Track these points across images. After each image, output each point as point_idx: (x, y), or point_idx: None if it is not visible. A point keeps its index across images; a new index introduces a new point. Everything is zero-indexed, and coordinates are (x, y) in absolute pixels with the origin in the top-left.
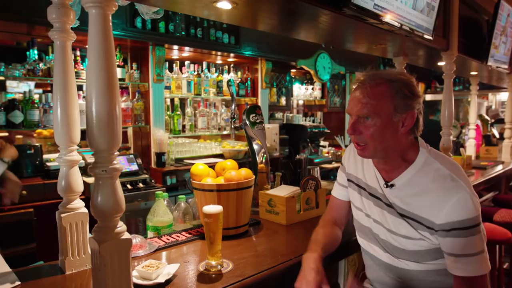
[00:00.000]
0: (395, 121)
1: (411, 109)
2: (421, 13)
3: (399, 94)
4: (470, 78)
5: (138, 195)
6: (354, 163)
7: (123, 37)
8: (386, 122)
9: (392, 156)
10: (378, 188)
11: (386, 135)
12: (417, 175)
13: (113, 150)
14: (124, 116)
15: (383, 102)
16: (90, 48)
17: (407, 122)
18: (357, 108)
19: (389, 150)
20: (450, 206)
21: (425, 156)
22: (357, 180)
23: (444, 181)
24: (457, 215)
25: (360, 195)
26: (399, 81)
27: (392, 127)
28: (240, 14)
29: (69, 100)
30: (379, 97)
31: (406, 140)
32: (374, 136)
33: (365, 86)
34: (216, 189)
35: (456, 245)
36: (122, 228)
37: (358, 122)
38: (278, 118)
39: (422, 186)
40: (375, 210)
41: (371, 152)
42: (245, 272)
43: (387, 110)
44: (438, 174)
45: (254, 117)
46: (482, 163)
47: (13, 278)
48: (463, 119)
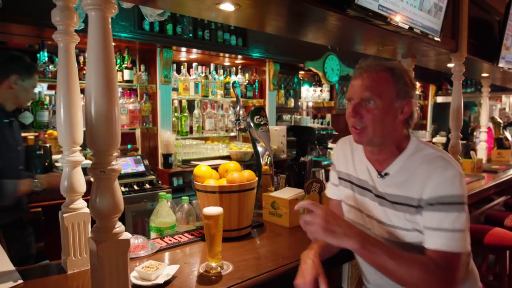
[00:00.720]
0: (396, 107)
1: (410, 98)
2: (428, 14)
3: (401, 81)
4: (481, 80)
5: (145, 196)
6: (344, 159)
7: (131, 39)
8: (387, 106)
9: (387, 144)
10: (370, 181)
11: (386, 120)
12: (409, 161)
13: (112, 151)
14: (132, 117)
15: (386, 86)
16: (90, 50)
17: (406, 109)
18: (360, 91)
19: (385, 136)
20: (439, 181)
21: (416, 144)
22: (348, 176)
23: (435, 161)
24: (444, 189)
25: (353, 191)
26: (400, 69)
27: (392, 112)
28: (245, 16)
29: (72, 101)
30: (382, 81)
31: (402, 131)
32: (375, 120)
33: (369, 71)
34: (218, 190)
35: (436, 219)
36: (121, 229)
37: (359, 105)
38: (286, 120)
39: (413, 169)
40: (368, 204)
41: (369, 136)
42: (245, 275)
43: (389, 94)
44: (428, 157)
45: (258, 119)
46: (493, 167)
47: (16, 276)
48: (475, 121)
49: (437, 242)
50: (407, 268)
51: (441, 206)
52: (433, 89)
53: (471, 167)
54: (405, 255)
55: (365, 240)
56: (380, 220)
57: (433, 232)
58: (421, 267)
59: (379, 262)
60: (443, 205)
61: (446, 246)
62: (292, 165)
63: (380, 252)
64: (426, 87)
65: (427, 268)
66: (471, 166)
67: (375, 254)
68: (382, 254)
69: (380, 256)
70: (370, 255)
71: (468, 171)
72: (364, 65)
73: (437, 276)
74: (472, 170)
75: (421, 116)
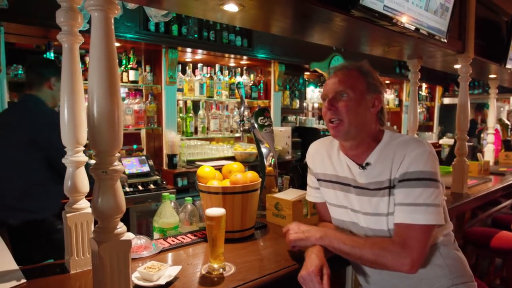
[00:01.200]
0: (367, 99)
1: (379, 93)
2: (434, 15)
3: (369, 76)
4: (489, 81)
5: (149, 196)
6: (320, 161)
7: (136, 40)
8: (359, 98)
9: (363, 137)
10: (351, 176)
11: (359, 111)
12: (386, 148)
13: (114, 151)
14: (137, 118)
15: (357, 80)
16: (93, 50)
17: (376, 103)
18: (334, 87)
19: (360, 128)
20: (408, 159)
21: (390, 134)
22: (328, 176)
23: (408, 143)
24: (412, 166)
25: (334, 190)
26: (367, 67)
27: (364, 104)
28: (250, 17)
29: (76, 102)
30: (353, 77)
31: (376, 125)
32: (349, 111)
33: (341, 71)
34: (222, 191)
35: (403, 195)
36: (122, 229)
37: (334, 99)
38: (291, 121)
39: (391, 154)
40: (352, 199)
41: (345, 128)
42: (247, 276)
43: (360, 87)
44: (403, 141)
45: (262, 120)
46: (500, 169)
47: (19, 276)
48: (482, 123)
49: (400, 216)
50: (359, 249)
51: (407, 182)
52: (440, 90)
53: (478, 169)
54: (359, 239)
55: (325, 233)
56: (367, 212)
57: (398, 207)
58: (371, 246)
59: (337, 248)
60: (410, 181)
61: (407, 219)
62: (296, 167)
63: (336, 240)
64: (432, 89)
65: (379, 245)
66: (478, 169)
67: (332, 242)
68: (338, 241)
69: (337, 243)
70: (328, 243)
71: (475, 173)
72: (336, 66)
73: (391, 250)
74: (479, 173)
75: (428, 118)
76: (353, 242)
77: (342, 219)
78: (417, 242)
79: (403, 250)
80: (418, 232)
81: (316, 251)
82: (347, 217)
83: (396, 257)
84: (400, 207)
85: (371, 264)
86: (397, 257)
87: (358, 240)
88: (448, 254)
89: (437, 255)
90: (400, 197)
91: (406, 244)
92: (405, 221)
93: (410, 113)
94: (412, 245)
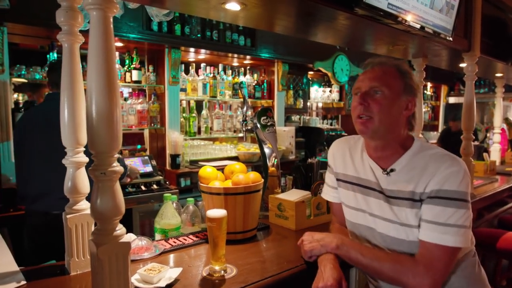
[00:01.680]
0: (402, 101)
1: (415, 96)
2: (440, 13)
3: (407, 77)
4: (495, 80)
5: (152, 197)
6: (341, 160)
7: (139, 40)
8: (395, 98)
9: (390, 140)
10: (373, 179)
11: (392, 111)
12: (415, 159)
13: (113, 152)
14: (140, 118)
15: (394, 79)
16: (91, 49)
17: (410, 106)
18: (369, 82)
19: (390, 129)
20: (442, 176)
21: (420, 143)
22: (347, 177)
23: (441, 158)
24: (445, 184)
25: (354, 192)
26: (406, 67)
27: (399, 105)
28: (253, 16)
29: (76, 102)
30: (390, 74)
31: (405, 128)
32: (382, 109)
33: (378, 65)
34: (223, 192)
35: (433, 212)
36: (121, 231)
37: (367, 94)
38: (295, 121)
39: (420, 166)
40: (372, 203)
41: (374, 126)
42: (248, 279)
43: (397, 86)
44: (436, 155)
45: (265, 120)
46: (507, 169)
47: (20, 277)
48: (488, 122)
49: (428, 234)
50: (378, 263)
51: (439, 200)
52: (445, 89)
53: (484, 169)
54: (379, 252)
55: (341, 242)
56: (386, 218)
57: (427, 225)
58: (392, 261)
59: (354, 259)
60: (443, 199)
61: (436, 238)
62: (299, 167)
63: (354, 251)
64: (438, 88)
65: (402, 262)
66: (484, 169)
67: (350, 253)
68: (356, 252)
69: (354, 254)
70: (345, 254)
71: (481, 173)
72: (372, 60)
73: (413, 269)
74: (485, 173)
75: (433, 117)
76: (373, 255)
77: (358, 222)
78: (442, 264)
79: (427, 271)
80: (445, 254)
81: (332, 260)
82: (364, 221)
83: (419, 278)
84: (430, 225)
85: (389, 279)
86: (419, 278)
87: (378, 253)
88: (465, 268)
89: (456, 268)
90: (430, 214)
91: (431, 265)
92: (433, 241)
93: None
94: (436, 267)
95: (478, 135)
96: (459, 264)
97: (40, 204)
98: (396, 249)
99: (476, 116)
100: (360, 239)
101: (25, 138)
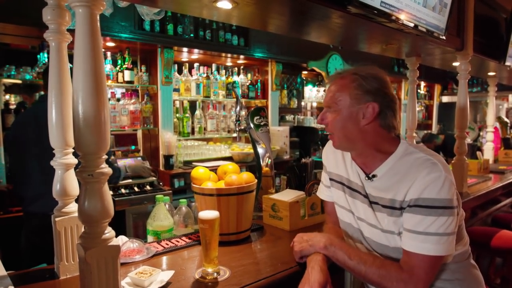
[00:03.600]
0: (354, 111)
1: (372, 101)
2: (433, 11)
3: (359, 85)
4: (488, 79)
5: (145, 198)
6: (334, 160)
7: (131, 40)
8: (343, 111)
9: (363, 148)
10: (359, 183)
11: (347, 125)
12: (397, 164)
13: (101, 153)
14: (133, 118)
15: (341, 92)
16: (77, 48)
17: (368, 114)
18: (325, 100)
19: (355, 141)
20: (421, 183)
21: (405, 147)
22: (339, 177)
23: (423, 164)
24: (426, 192)
25: (344, 193)
26: (361, 74)
27: (351, 117)
28: (245, 15)
29: (64, 102)
30: (339, 88)
31: (376, 133)
32: (334, 125)
33: (335, 79)
34: (216, 193)
35: (413, 221)
36: (110, 234)
37: (324, 112)
38: (289, 120)
39: (402, 172)
40: (358, 206)
41: (337, 142)
42: (242, 281)
43: (343, 100)
44: (418, 161)
45: (258, 120)
46: (500, 167)
47: (7, 282)
48: (481, 121)
49: (409, 243)
50: (364, 266)
51: (419, 208)
52: (439, 88)
53: (477, 168)
54: (366, 256)
55: (330, 242)
56: (370, 223)
57: (407, 233)
58: (378, 266)
59: (341, 261)
60: (422, 208)
61: (417, 248)
62: (293, 167)
63: (341, 253)
64: (431, 87)
65: (387, 268)
66: (477, 167)
67: (337, 254)
68: (343, 254)
69: (341, 256)
70: (332, 255)
71: (475, 172)
72: (334, 73)
73: (397, 276)
74: (478, 171)
75: (427, 116)
76: (359, 259)
77: (349, 222)
78: (425, 272)
79: (410, 279)
80: (427, 262)
81: (320, 262)
82: (354, 223)
83: (401, 285)
84: (410, 234)
85: (374, 283)
86: (402, 285)
87: (365, 257)
88: (458, 270)
89: (446, 271)
90: (410, 223)
91: (413, 274)
92: (414, 250)
93: (409, 112)
94: (419, 275)
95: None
96: (449, 267)
97: (37, 205)
98: (382, 253)
99: (469, 115)
100: (353, 239)
101: (19, 140)
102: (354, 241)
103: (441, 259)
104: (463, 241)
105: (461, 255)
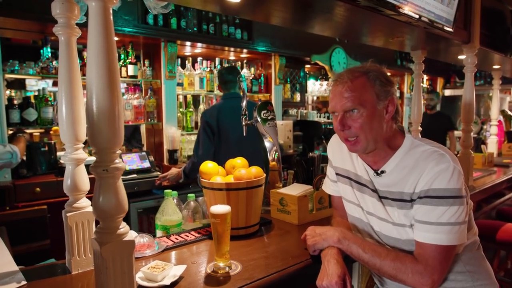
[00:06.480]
0: (380, 109)
1: (391, 95)
2: (441, 4)
3: (377, 82)
4: (492, 72)
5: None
6: (340, 155)
7: (135, 34)
8: (372, 111)
9: (381, 146)
10: (367, 177)
11: (374, 124)
12: (405, 158)
13: (115, 148)
14: (136, 113)
15: (365, 92)
16: (90, 42)
17: (390, 108)
18: (341, 103)
19: (378, 140)
20: (430, 175)
21: (411, 140)
22: (346, 172)
23: (430, 156)
24: (436, 183)
25: (352, 187)
26: (374, 71)
27: (378, 115)
28: (250, 8)
29: (74, 97)
30: (360, 88)
31: (391, 129)
32: (363, 127)
33: (345, 81)
34: (225, 188)
35: (424, 212)
36: (125, 229)
37: (345, 117)
38: (292, 114)
39: (410, 165)
40: (367, 201)
41: (363, 145)
42: (253, 275)
43: (370, 99)
44: (425, 153)
45: (265, 114)
46: (504, 161)
47: (20, 277)
48: (484, 114)
49: (422, 235)
50: (379, 259)
51: (430, 199)
52: (441, 82)
53: (482, 161)
54: (380, 248)
55: (343, 236)
56: (380, 217)
57: (419, 225)
58: (392, 258)
59: (355, 254)
60: (433, 198)
61: (429, 239)
62: (301, 161)
63: (355, 246)
64: (434, 80)
65: (402, 260)
66: (482, 160)
67: (351, 248)
68: (357, 247)
69: (355, 249)
70: (347, 249)
71: (479, 165)
72: (338, 76)
73: (413, 268)
74: (483, 165)
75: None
76: (373, 252)
77: (358, 217)
78: (439, 263)
79: (425, 270)
80: (442, 253)
81: (336, 255)
82: (363, 217)
83: (418, 277)
84: (423, 225)
85: (389, 276)
86: (418, 277)
87: (379, 249)
88: (469, 261)
89: (458, 262)
90: (422, 214)
91: (428, 264)
92: (427, 241)
93: (414, 105)
94: (434, 266)
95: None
96: (461, 257)
97: None
98: (394, 247)
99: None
100: (362, 233)
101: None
102: (363, 235)
103: (454, 249)
104: (472, 231)
105: (472, 245)
